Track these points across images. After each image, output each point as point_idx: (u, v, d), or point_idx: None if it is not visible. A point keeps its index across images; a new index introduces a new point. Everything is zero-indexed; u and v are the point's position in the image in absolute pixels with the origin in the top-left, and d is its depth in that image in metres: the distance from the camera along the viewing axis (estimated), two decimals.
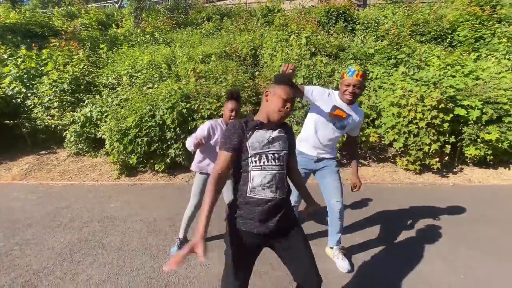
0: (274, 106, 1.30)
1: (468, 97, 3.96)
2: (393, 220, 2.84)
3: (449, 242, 2.46)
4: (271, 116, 1.32)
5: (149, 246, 2.27)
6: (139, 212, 2.87)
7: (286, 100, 1.30)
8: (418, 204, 3.16)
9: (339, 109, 1.90)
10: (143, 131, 3.82)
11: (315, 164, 2.06)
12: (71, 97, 4.96)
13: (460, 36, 7.11)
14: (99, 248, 2.24)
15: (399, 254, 2.28)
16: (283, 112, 1.30)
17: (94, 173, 4.20)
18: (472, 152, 3.93)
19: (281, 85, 1.33)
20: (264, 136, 1.30)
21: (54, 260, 2.11)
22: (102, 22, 10.20)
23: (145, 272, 1.96)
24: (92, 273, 1.95)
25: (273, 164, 1.29)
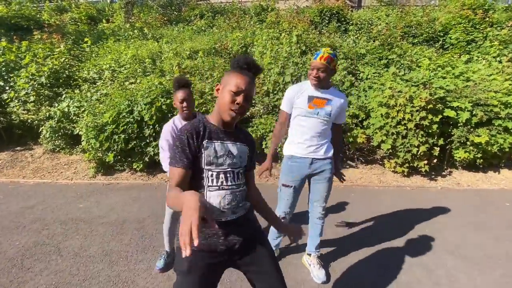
0: (223, 102, 1.05)
1: (458, 99, 3.87)
2: (377, 225, 2.71)
3: (433, 249, 2.33)
4: (222, 116, 1.07)
5: (110, 251, 2.08)
6: (107, 214, 2.68)
7: (236, 92, 1.03)
8: (404, 208, 3.04)
9: (315, 98, 1.78)
10: (120, 128, 3.63)
11: (310, 167, 1.85)
12: (49, 91, 4.74)
13: (452, 39, 7.07)
14: (54, 254, 2.05)
15: (380, 263, 2.14)
16: (233, 110, 1.03)
17: (69, 171, 3.99)
18: (461, 155, 3.83)
19: (234, 72, 1.06)
20: (219, 150, 1.06)
21: (3, 266, 1.92)
22: (93, 17, 9.96)
23: (99, 282, 1.78)
24: (40, 282, 1.77)
25: (233, 184, 1.08)
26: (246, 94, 1.04)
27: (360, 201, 3.20)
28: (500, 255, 2.27)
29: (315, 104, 1.78)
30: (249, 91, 1.05)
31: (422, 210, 3.00)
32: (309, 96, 1.77)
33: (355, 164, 4.19)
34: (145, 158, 3.75)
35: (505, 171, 4.07)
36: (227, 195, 1.05)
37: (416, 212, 2.96)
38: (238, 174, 1.10)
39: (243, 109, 1.05)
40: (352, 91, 4.65)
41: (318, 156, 1.85)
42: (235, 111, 1.03)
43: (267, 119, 4.06)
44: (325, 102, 1.78)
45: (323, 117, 1.79)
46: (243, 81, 1.03)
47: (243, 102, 1.03)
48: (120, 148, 3.66)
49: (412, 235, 2.54)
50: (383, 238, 2.47)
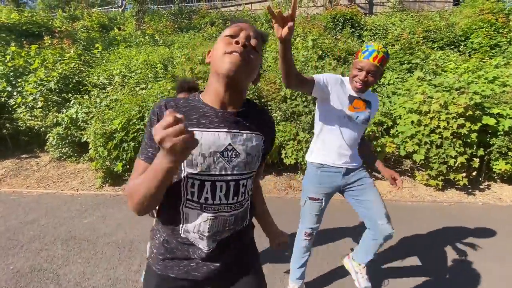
0: (216, 53, 0.70)
1: (496, 105, 3.52)
2: (413, 244, 2.36)
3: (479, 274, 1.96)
4: (218, 70, 0.69)
5: (116, 280, 1.79)
6: (114, 231, 2.40)
7: (233, 35, 0.71)
8: (443, 226, 2.68)
9: (357, 99, 1.48)
10: (130, 135, 3.40)
11: (344, 178, 1.56)
12: (57, 96, 4.57)
13: (474, 43, 6.76)
14: (52, 282, 1.76)
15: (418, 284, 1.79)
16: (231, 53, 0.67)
17: (75, 181, 3.75)
18: (502, 167, 3.45)
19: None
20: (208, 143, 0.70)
21: None
22: (104, 25, 10.00)
23: None
24: None
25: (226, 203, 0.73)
26: (248, 33, 0.71)
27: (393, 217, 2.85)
28: None
29: (356, 107, 1.48)
30: (251, 30, 0.73)
31: (468, 230, 2.63)
32: (350, 96, 1.47)
33: (382, 176, 3.84)
34: None
35: None
36: (211, 219, 0.73)
37: (461, 233, 2.59)
38: (239, 185, 0.74)
39: (247, 55, 0.68)
40: None
41: (352, 166, 1.56)
42: (237, 52, 0.67)
43: (285, 126, 3.78)
44: (366, 105, 1.51)
45: (361, 123, 1.50)
46: (241, 23, 0.74)
47: (245, 39, 0.69)
48: (130, 157, 3.41)
49: (454, 256, 2.18)
50: (424, 257, 2.12)
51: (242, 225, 0.83)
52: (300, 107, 3.90)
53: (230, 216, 0.76)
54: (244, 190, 0.76)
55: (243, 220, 0.83)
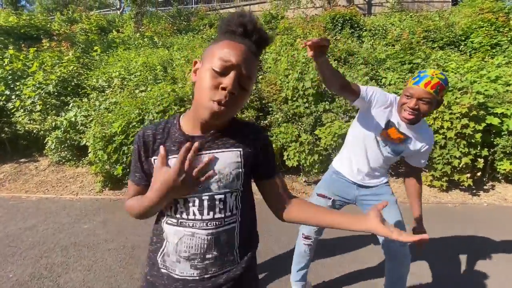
0: (200, 90, 0.64)
1: (500, 104, 3.49)
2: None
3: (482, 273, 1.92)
4: (198, 112, 0.66)
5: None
6: (115, 237, 2.35)
7: (220, 71, 0.62)
8: (448, 228, 2.64)
9: (393, 128, 1.34)
10: (130, 138, 3.35)
11: (357, 190, 1.50)
12: (56, 100, 4.53)
13: (474, 43, 6.75)
14: None
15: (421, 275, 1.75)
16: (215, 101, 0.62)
17: (74, 185, 3.70)
18: (506, 167, 3.42)
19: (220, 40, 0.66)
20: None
21: None
22: (103, 28, 9.97)
23: None
24: None
25: (199, 219, 0.69)
26: (239, 72, 0.62)
27: None
28: None
29: (389, 135, 1.35)
30: (243, 66, 0.63)
31: (470, 230, 2.60)
32: (388, 120, 1.34)
33: None
34: None
35: None
36: (187, 236, 0.69)
37: (462, 232, 2.56)
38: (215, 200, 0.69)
39: (234, 100, 0.63)
40: None
41: (372, 184, 1.49)
42: (219, 102, 0.61)
43: (287, 127, 3.74)
44: (403, 139, 1.35)
45: (388, 152, 1.39)
46: (233, 50, 0.62)
47: (233, 86, 0.61)
48: (130, 160, 3.36)
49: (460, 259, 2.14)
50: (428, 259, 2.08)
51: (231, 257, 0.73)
52: (301, 108, 3.86)
53: (208, 235, 0.69)
54: (222, 206, 0.70)
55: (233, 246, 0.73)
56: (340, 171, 1.53)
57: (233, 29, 0.66)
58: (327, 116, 3.75)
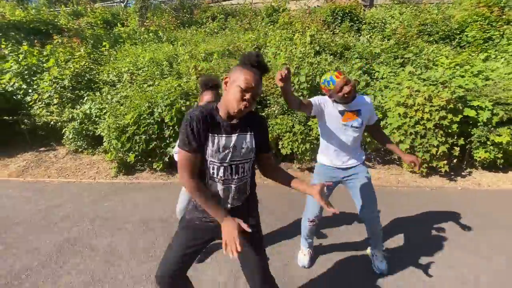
0: (231, 97, 1.07)
1: (477, 98, 3.80)
2: (397, 225, 2.70)
3: (455, 249, 2.31)
4: (230, 110, 1.10)
5: (139, 250, 2.16)
6: (132, 213, 2.78)
7: (245, 90, 1.06)
8: (425, 209, 3.01)
9: (347, 111, 1.79)
10: (142, 129, 3.74)
11: (343, 172, 1.90)
12: (71, 93, 4.91)
13: (468, 36, 6.93)
14: (86, 251, 2.14)
15: (403, 260, 2.14)
16: (242, 107, 1.07)
17: (91, 171, 4.12)
18: (481, 155, 3.76)
19: (243, 68, 1.08)
20: (223, 144, 1.11)
21: (38, 262, 2.03)
22: (108, 21, 10.23)
23: (132, 277, 1.86)
24: (74, 278, 1.87)
25: (232, 178, 1.15)
26: (255, 92, 1.08)
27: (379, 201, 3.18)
28: None
29: (348, 118, 1.80)
30: (258, 89, 1.09)
31: (443, 211, 2.96)
32: (340, 111, 1.79)
33: (372, 165, 4.17)
34: (165, 158, 3.84)
35: None
36: (225, 188, 1.16)
37: (437, 213, 2.93)
38: (239, 167, 1.15)
39: (250, 106, 1.09)
40: (367, 91, 4.62)
41: (351, 164, 1.89)
42: (243, 107, 1.07)
43: (282, 119, 4.09)
44: (356, 113, 1.80)
45: (356, 127, 1.81)
46: (253, 79, 1.06)
47: (251, 100, 1.07)
48: (142, 149, 3.76)
49: (437, 238, 2.52)
50: (405, 236, 2.47)
51: (244, 195, 1.23)
52: None
53: (236, 185, 1.18)
54: (242, 170, 1.17)
55: (245, 191, 1.23)
56: (324, 163, 1.93)
57: (252, 63, 1.10)
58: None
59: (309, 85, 4.26)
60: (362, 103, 1.82)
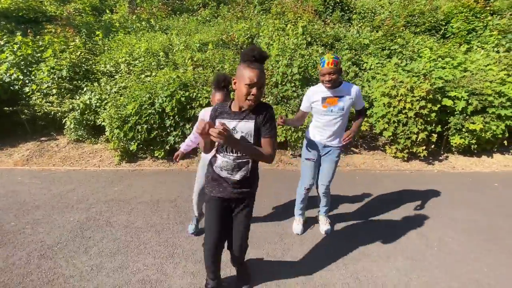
0: (240, 94, 1.29)
1: (455, 89, 4.14)
2: (379, 203, 3.07)
3: (430, 222, 2.70)
4: (242, 105, 1.33)
5: (154, 224, 2.45)
6: (142, 195, 3.04)
7: (250, 85, 1.25)
8: (404, 189, 3.39)
9: (328, 97, 2.08)
10: (143, 119, 3.94)
11: (323, 149, 2.24)
12: (69, 84, 5.00)
13: (453, 28, 7.23)
14: (108, 226, 2.42)
15: (383, 232, 2.51)
16: (250, 100, 1.27)
17: (95, 159, 4.32)
18: (457, 141, 4.15)
19: (245, 64, 1.26)
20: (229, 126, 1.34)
21: (66, 237, 2.29)
22: (96, 7, 10.03)
23: (152, 246, 2.16)
24: (103, 247, 2.14)
25: (230, 154, 1.43)
26: (259, 86, 1.27)
27: (363, 183, 3.56)
28: (485, 225, 2.64)
29: (328, 103, 2.09)
30: (261, 81, 1.26)
31: (420, 191, 3.35)
32: (322, 98, 2.10)
33: (359, 151, 4.52)
34: (166, 147, 4.08)
35: (498, 156, 4.42)
36: (224, 160, 1.45)
37: (415, 193, 3.32)
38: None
39: (259, 97, 1.29)
40: (356, 82, 4.91)
41: (330, 144, 2.22)
42: (252, 100, 1.28)
43: (276, 109, 4.35)
44: (337, 99, 2.08)
45: (336, 112, 2.10)
46: (254, 74, 1.24)
47: (257, 92, 1.27)
48: (143, 138, 3.98)
49: (411, 211, 2.91)
50: (385, 213, 2.84)
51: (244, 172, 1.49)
52: (289, 91, 4.46)
53: (235, 161, 1.46)
54: None
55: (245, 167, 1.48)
56: (313, 139, 2.26)
57: (249, 59, 1.28)
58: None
59: (301, 76, 4.51)
60: (346, 91, 2.08)
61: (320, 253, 2.21)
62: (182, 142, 4.06)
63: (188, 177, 3.66)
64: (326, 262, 2.11)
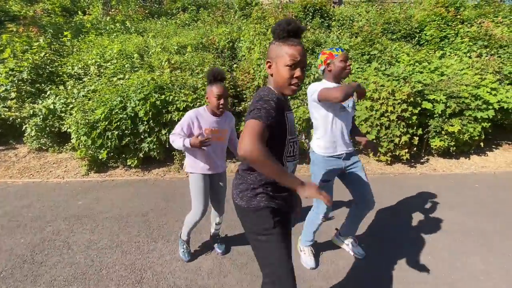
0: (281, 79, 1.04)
1: (434, 92, 4.20)
2: None
3: (415, 226, 2.60)
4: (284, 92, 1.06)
5: (120, 243, 2.15)
6: (109, 209, 2.71)
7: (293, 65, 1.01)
8: (388, 193, 3.32)
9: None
10: (114, 124, 3.61)
11: (344, 162, 1.86)
12: (31, 87, 4.55)
13: (427, 35, 7.53)
14: (65, 248, 2.08)
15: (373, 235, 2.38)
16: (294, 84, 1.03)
17: (59, 170, 3.90)
18: (437, 144, 4.19)
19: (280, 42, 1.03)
20: (291, 119, 1.11)
21: (13, 263, 1.93)
22: (67, 8, 9.47)
23: (116, 270, 1.85)
24: (56, 274, 1.81)
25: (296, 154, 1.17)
26: (303, 65, 1.02)
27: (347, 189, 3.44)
28: (472, 227, 2.59)
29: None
30: (304, 60, 1.03)
31: (407, 196, 3.29)
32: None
33: None
34: (140, 154, 3.76)
35: (474, 157, 4.51)
36: (293, 165, 1.17)
37: (399, 196, 3.25)
38: (295, 143, 1.16)
39: (302, 80, 1.05)
40: None
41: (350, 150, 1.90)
42: (296, 84, 1.02)
43: None
44: None
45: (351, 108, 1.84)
46: (297, 51, 0.99)
47: (302, 74, 1.02)
48: (114, 145, 3.64)
49: (397, 215, 2.81)
50: (373, 218, 2.72)
51: None
52: None
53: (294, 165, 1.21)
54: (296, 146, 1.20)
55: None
56: (326, 154, 1.83)
57: (286, 35, 1.01)
58: (293, 102, 4.25)
59: None
60: None
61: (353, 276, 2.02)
62: (157, 149, 3.80)
63: (164, 187, 3.37)
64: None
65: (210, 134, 1.79)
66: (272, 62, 1.05)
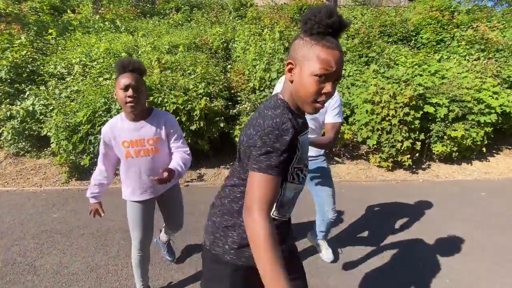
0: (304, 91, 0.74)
1: (436, 95, 4.05)
2: (370, 218, 2.75)
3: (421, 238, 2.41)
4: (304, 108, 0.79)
5: (96, 266, 1.87)
6: (87, 224, 2.43)
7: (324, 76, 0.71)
8: (392, 202, 3.12)
9: None
10: (97, 128, 3.33)
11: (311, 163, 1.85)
12: (9, 87, 4.23)
13: (423, 38, 7.46)
14: (30, 273, 1.79)
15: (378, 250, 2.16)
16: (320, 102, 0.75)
17: (36, 177, 3.59)
18: (439, 149, 4.03)
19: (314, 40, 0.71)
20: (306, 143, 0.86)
21: None
22: (56, 7, 9.12)
23: None
24: None
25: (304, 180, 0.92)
26: (337, 77, 0.72)
27: (350, 196, 3.24)
28: (483, 242, 2.40)
29: None
30: (340, 71, 0.72)
31: (410, 204, 3.10)
32: None
33: (342, 160, 4.24)
34: None
35: (476, 163, 4.37)
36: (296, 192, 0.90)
37: (403, 205, 3.06)
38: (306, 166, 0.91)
39: (331, 97, 0.75)
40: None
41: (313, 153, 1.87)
42: (322, 102, 0.74)
43: None
44: None
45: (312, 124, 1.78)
46: (334, 58, 0.69)
47: (333, 88, 0.72)
48: (97, 150, 3.35)
49: (401, 226, 2.62)
50: (372, 228, 2.52)
51: None
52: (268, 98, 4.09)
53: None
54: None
55: None
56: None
57: (323, 30, 0.69)
58: None
59: None
60: None
61: None
62: None
63: None
64: None
65: (131, 147, 1.42)
66: (295, 65, 0.75)
